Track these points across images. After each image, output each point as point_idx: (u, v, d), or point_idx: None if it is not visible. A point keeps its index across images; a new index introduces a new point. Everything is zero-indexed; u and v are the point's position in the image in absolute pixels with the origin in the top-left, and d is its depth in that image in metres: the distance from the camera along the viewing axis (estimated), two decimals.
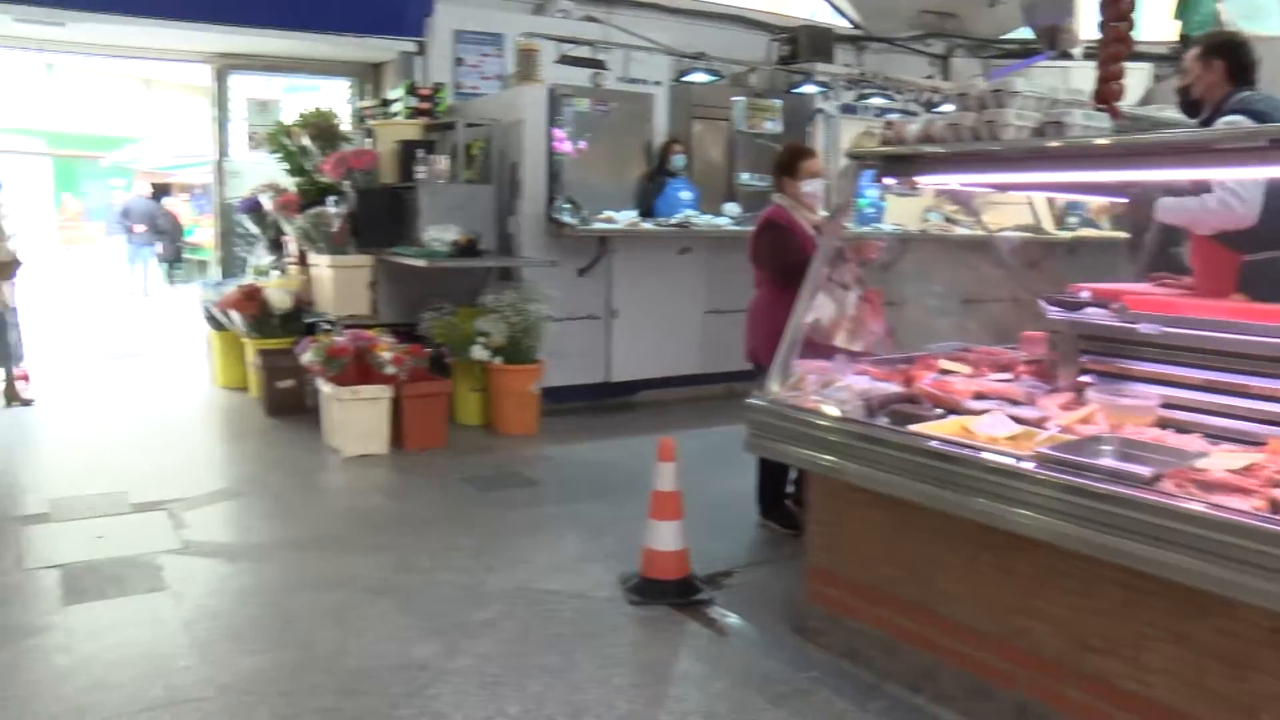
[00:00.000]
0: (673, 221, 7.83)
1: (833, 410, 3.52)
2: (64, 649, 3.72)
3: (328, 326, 7.19)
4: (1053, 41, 8.90)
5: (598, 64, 8.15)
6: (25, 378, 7.83)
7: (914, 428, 3.27)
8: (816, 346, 4.08)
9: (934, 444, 3.13)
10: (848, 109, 9.50)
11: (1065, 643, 2.98)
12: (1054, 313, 3.76)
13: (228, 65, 9.93)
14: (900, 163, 3.85)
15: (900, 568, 3.50)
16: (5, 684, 3.45)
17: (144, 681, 3.46)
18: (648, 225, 7.76)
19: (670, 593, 4.14)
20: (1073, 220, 9.86)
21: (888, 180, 4.00)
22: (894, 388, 3.64)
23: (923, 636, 3.42)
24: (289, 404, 7.33)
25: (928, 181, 4.02)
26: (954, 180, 4.18)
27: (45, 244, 21.01)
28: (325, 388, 6.42)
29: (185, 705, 3.30)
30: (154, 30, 8.55)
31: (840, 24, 11.62)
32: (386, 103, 8.71)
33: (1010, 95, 3.46)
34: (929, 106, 9.48)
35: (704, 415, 7.49)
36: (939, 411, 3.40)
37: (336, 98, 10.12)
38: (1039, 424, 3.20)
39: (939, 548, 3.34)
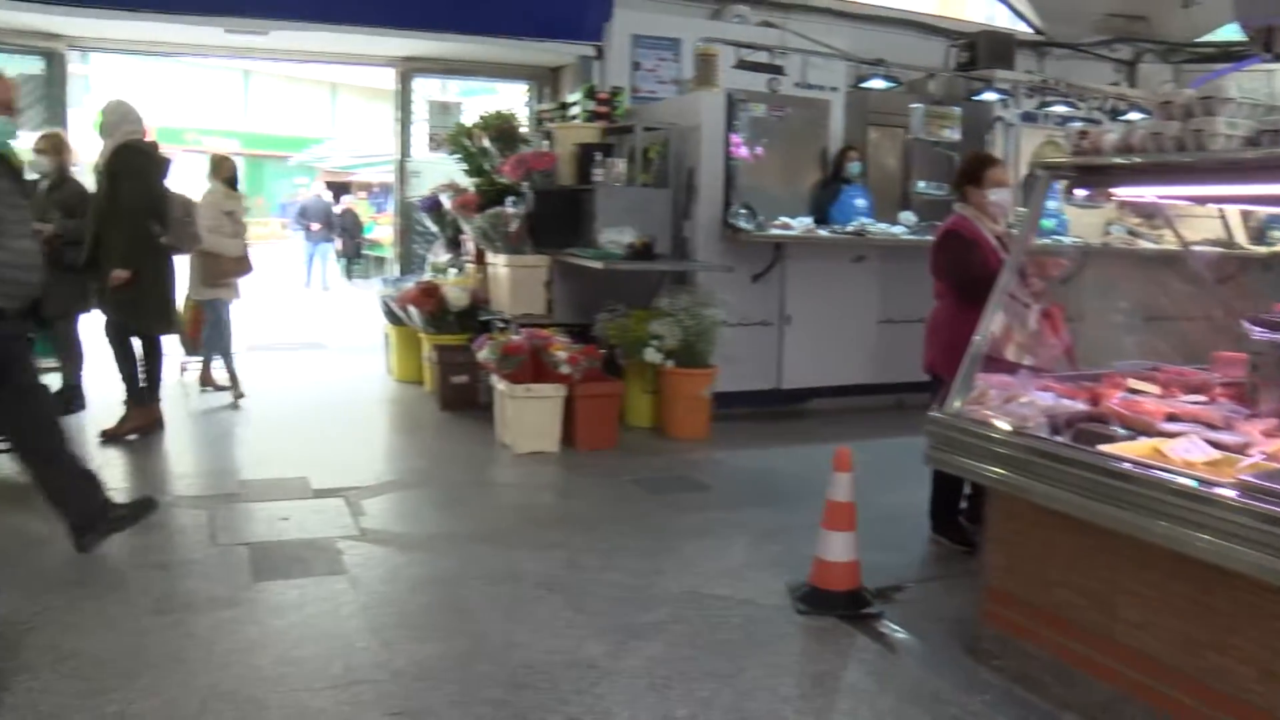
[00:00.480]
0: (848, 229, 7.72)
1: (1016, 427, 3.40)
2: (255, 621, 3.89)
3: (502, 325, 7.33)
4: (1269, 44, 8.42)
5: (775, 69, 8.10)
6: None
7: (1104, 448, 3.13)
8: (998, 361, 3.95)
9: (1126, 466, 2.98)
10: (1028, 117, 9.23)
11: (1270, 688, 2.79)
12: (1259, 334, 3.55)
13: (412, 69, 10.25)
14: (1095, 174, 3.69)
15: (1082, 592, 3.34)
16: (207, 650, 3.64)
17: (326, 659, 3.57)
18: (823, 233, 7.67)
19: (840, 604, 4.06)
20: (1276, 234, 9.31)
21: (1079, 192, 3.84)
22: (1080, 406, 3.49)
23: (1104, 666, 3.26)
24: (462, 399, 7.50)
25: (1125, 194, 3.84)
26: (1153, 193, 3.99)
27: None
28: (499, 385, 6.53)
29: (363, 685, 3.39)
30: (345, 37, 8.93)
31: (1021, 29, 11.30)
32: (565, 106, 8.84)
33: (1221, 102, 3.26)
34: (1114, 115, 9.12)
35: (875, 426, 7.36)
36: (1129, 432, 3.24)
37: (513, 100, 10.34)
38: (1241, 450, 3.01)
39: (1125, 574, 3.18)
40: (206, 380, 8.19)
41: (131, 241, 6.31)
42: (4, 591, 3.27)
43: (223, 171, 8.01)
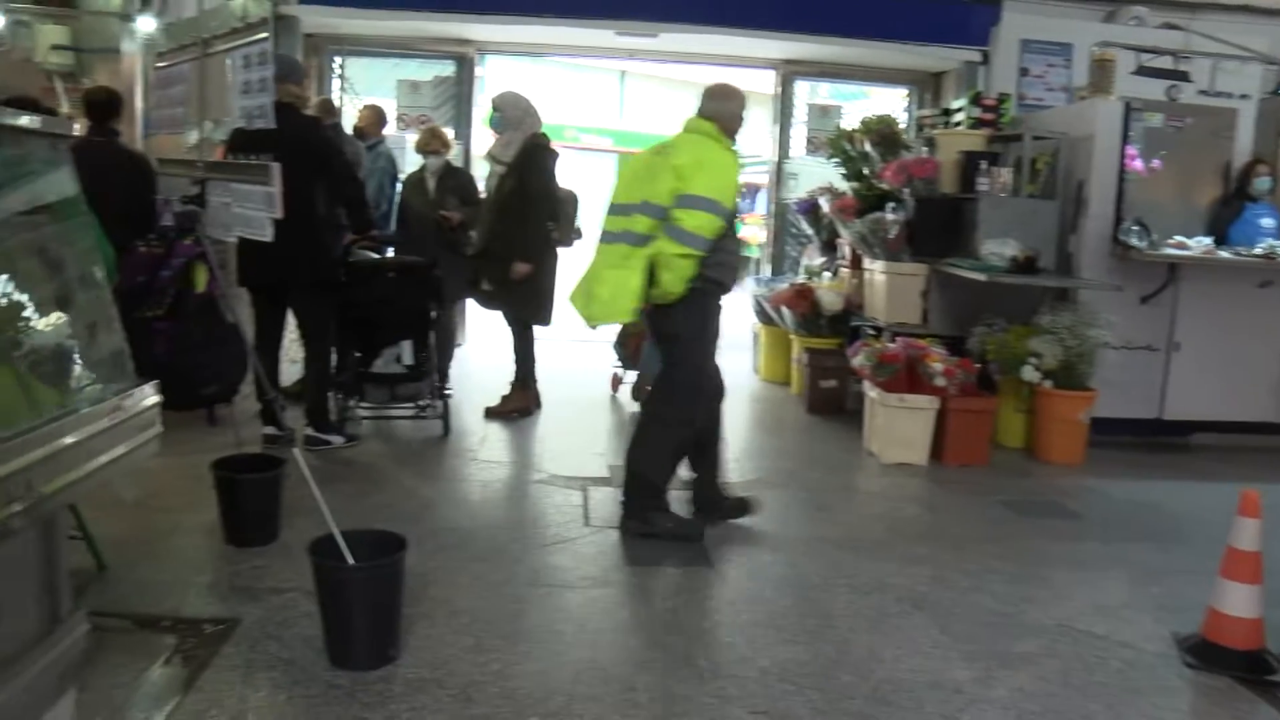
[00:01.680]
0: (1255, 252, 7.07)
1: None
2: (625, 604, 4.08)
3: (873, 331, 7.26)
4: None
5: (1180, 75, 7.54)
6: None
7: None
8: None
9: None
10: None
11: None
12: None
13: (792, 71, 10.33)
14: None
15: None
16: (580, 625, 3.84)
17: (691, 649, 3.66)
18: (1225, 254, 7.07)
19: (1237, 664, 3.71)
20: None
21: None
22: None
23: None
24: (829, 403, 7.49)
25: None
26: None
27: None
28: (871, 392, 6.48)
29: (727, 680, 3.44)
30: (730, 39, 9.12)
31: None
32: (948, 112, 8.62)
33: None
34: None
35: (1277, 470, 6.71)
36: None
37: (890, 105, 10.21)
38: None
39: None
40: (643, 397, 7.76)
41: (534, 236, 6.71)
42: (413, 548, 3.59)
43: None
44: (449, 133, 8.63)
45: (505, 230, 6.69)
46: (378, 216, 7.21)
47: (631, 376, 7.75)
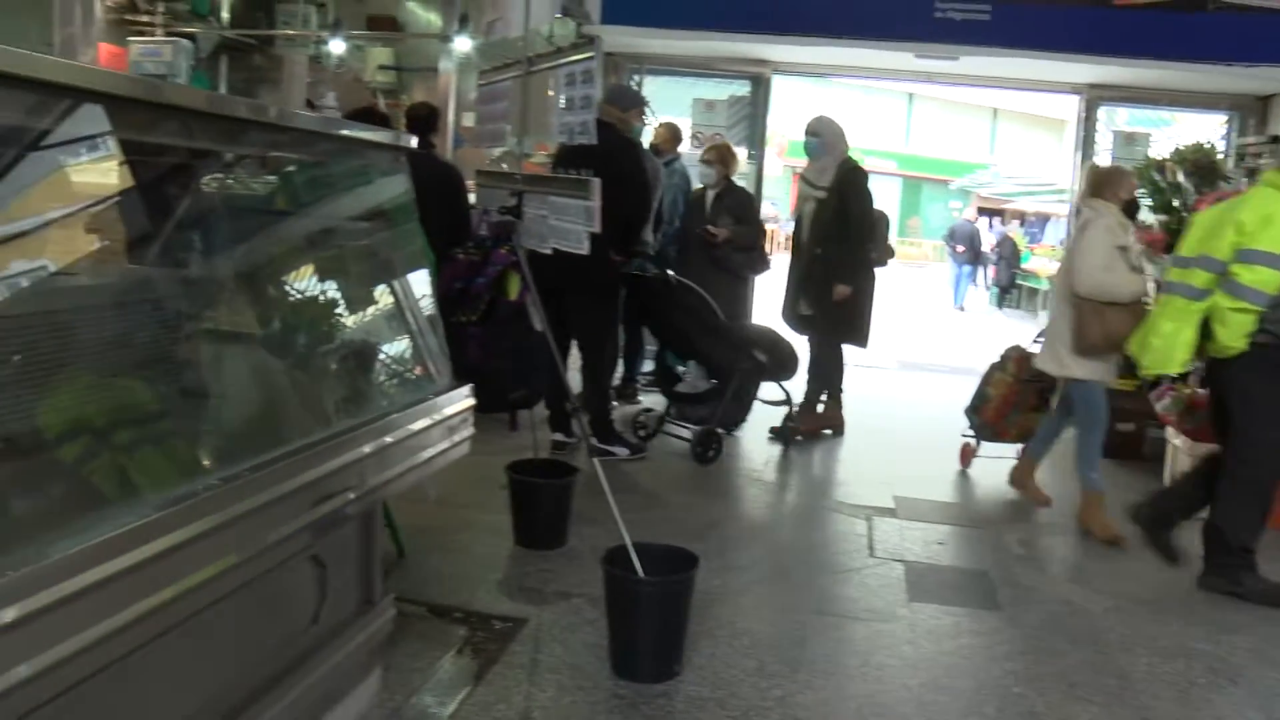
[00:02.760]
0: None
1: None
2: (909, 642, 3.94)
3: (1177, 376, 6.76)
4: None
5: None
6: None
7: None
8: None
9: None
10: None
11: None
12: None
13: (1098, 96, 9.82)
14: None
15: None
16: (863, 659, 3.76)
17: (978, 695, 3.53)
18: None
19: None
20: None
21: None
22: None
23: None
24: (1125, 447, 7.05)
25: None
26: None
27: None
28: (1175, 439, 6.05)
29: None
30: (1032, 62, 8.74)
31: None
32: (1277, 140, 7.98)
33: None
34: None
35: None
36: None
37: (1205, 131, 9.53)
38: None
39: None
40: (1024, 483, 6.02)
41: (855, 259, 6.74)
42: (706, 559, 3.62)
43: (1122, 191, 5.64)
44: (741, 151, 8.72)
45: (826, 254, 6.71)
46: (670, 232, 7.35)
47: (989, 450, 6.62)
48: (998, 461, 6.35)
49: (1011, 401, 6.35)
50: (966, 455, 6.68)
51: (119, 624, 1.68)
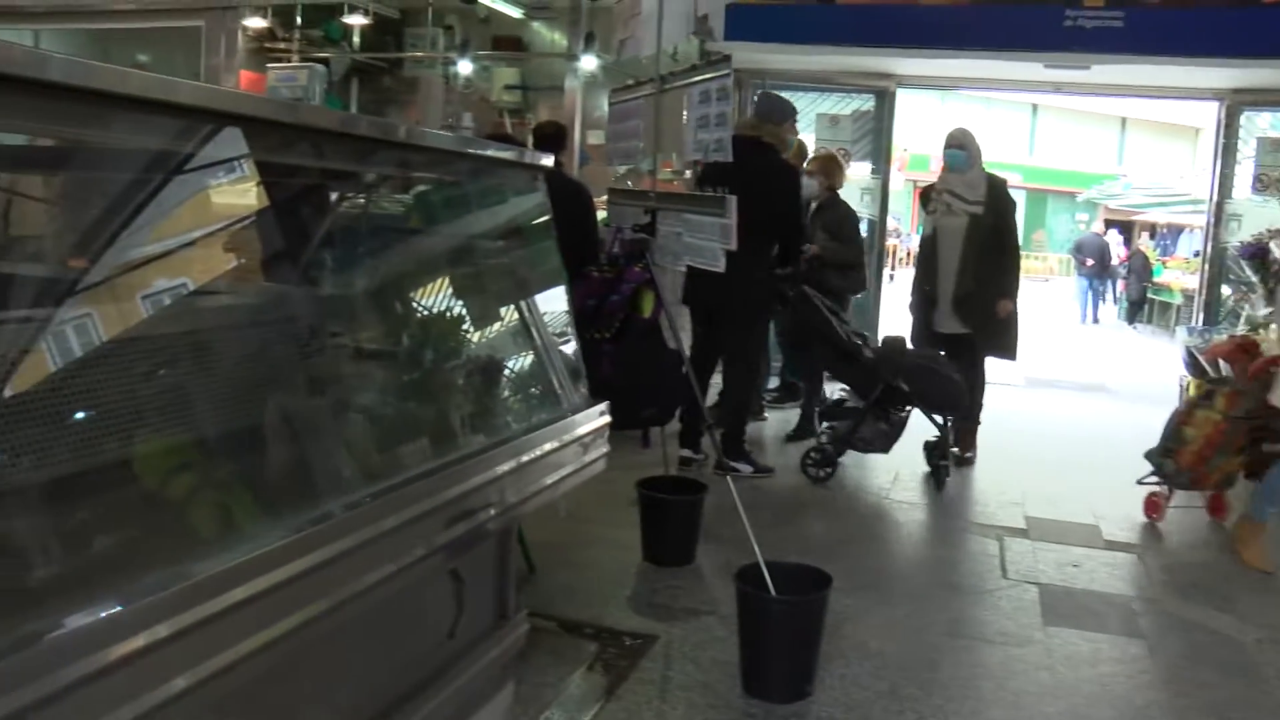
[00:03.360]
0: None
1: None
2: (1046, 667, 3.83)
3: None
4: None
5: None
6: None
7: None
8: None
9: None
10: None
11: None
12: None
13: (1240, 102, 9.45)
14: None
15: None
16: (999, 684, 3.68)
17: None
18: None
19: None
20: None
21: None
22: None
23: None
24: (1267, 467, 6.76)
25: None
26: None
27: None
28: None
29: None
30: (1169, 69, 8.47)
31: None
32: None
33: None
34: None
35: None
36: None
37: None
38: None
39: None
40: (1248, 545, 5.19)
41: (1016, 272, 6.66)
42: (835, 578, 3.58)
43: None
44: (864, 166, 8.64)
45: (988, 270, 6.50)
46: None
47: (1183, 498, 5.90)
48: (1132, 482, 6.13)
49: (1217, 443, 5.53)
50: (1155, 507, 5.78)
51: (275, 634, 1.72)
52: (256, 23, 9.74)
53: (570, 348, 3.17)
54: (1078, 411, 9.15)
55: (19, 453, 1.53)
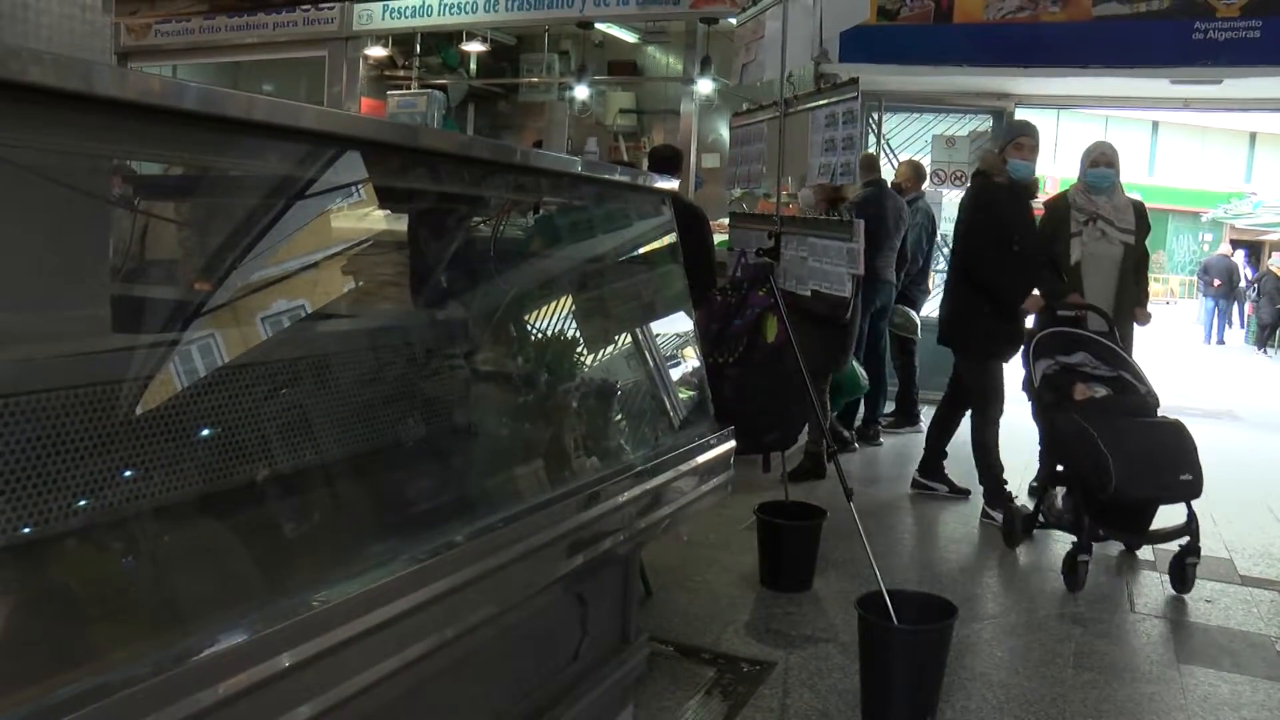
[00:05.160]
0: None
1: None
2: (1181, 708, 3.68)
3: None
4: None
5: None
6: None
7: None
8: None
9: None
10: None
11: None
12: None
13: None
14: None
15: None
16: (1134, 717, 3.57)
17: None
18: None
19: None
20: None
21: None
22: None
23: None
24: None
25: None
26: None
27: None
28: None
29: None
30: None
31: None
32: None
33: None
34: None
35: None
36: None
37: None
38: None
39: None
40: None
41: (1147, 286, 6.40)
42: (968, 625, 3.51)
43: None
44: None
45: (1133, 291, 6.15)
46: (915, 271, 7.19)
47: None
48: (1267, 513, 5.89)
49: None
50: None
51: (401, 662, 1.72)
52: (377, 51, 10.02)
53: (697, 374, 3.17)
54: (1205, 439, 8.79)
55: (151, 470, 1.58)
